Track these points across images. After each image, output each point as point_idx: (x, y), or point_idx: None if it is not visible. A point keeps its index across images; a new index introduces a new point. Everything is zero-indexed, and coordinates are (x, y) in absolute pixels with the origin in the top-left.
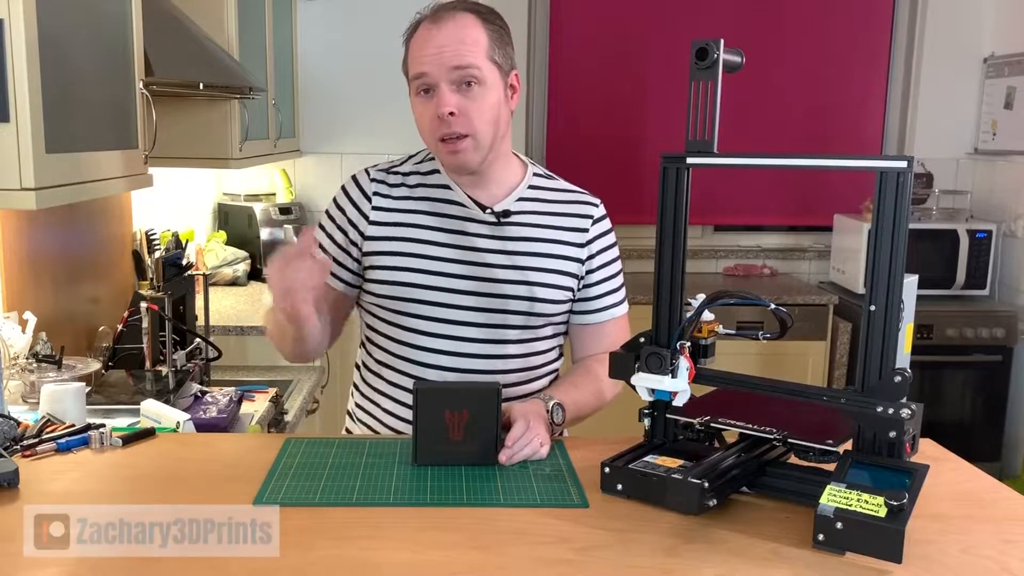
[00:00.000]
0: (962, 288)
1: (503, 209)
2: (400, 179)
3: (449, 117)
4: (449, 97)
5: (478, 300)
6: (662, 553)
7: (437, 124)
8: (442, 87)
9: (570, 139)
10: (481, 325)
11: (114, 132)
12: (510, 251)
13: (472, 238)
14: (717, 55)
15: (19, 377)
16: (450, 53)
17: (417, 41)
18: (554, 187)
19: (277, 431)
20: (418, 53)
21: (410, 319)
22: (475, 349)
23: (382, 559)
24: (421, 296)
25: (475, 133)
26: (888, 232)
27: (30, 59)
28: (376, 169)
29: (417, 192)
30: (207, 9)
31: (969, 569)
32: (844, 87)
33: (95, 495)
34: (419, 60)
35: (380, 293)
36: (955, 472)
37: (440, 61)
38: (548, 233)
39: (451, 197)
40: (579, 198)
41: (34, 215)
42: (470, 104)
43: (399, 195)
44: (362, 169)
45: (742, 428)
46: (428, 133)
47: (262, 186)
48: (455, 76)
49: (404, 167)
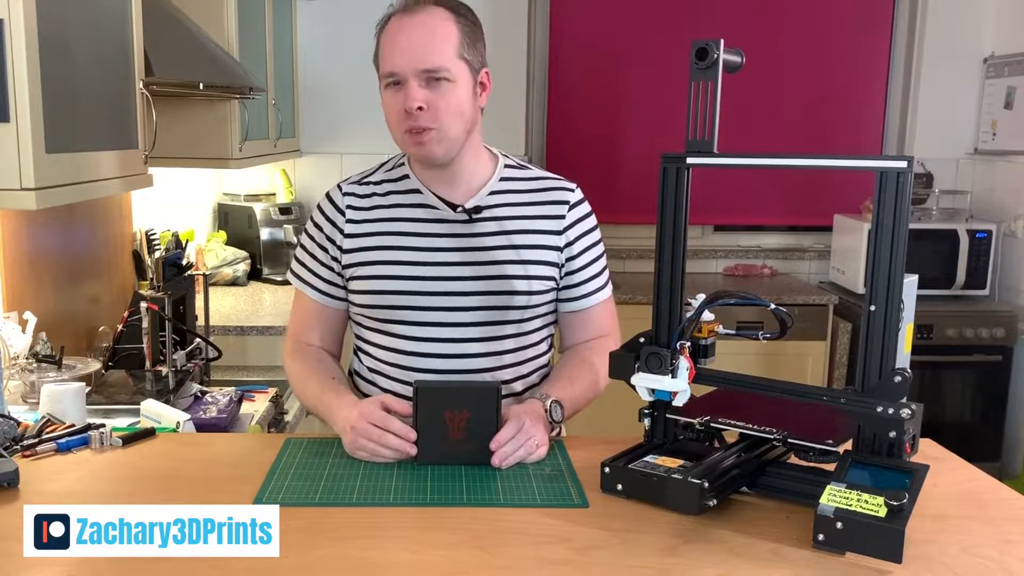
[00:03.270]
0: (962, 288)
1: (474, 206)
2: (371, 188)
3: (417, 111)
4: (417, 92)
5: (458, 300)
6: (662, 553)
7: (404, 117)
8: (411, 82)
9: (570, 139)
10: (466, 324)
11: (114, 132)
12: (484, 247)
13: (444, 239)
14: (717, 55)
15: (19, 377)
16: (420, 53)
17: (388, 34)
18: (527, 176)
19: (277, 431)
20: (389, 49)
21: (395, 326)
22: (463, 349)
23: (382, 559)
24: (401, 302)
25: (441, 126)
26: (888, 232)
27: (30, 59)
28: (348, 183)
29: (388, 200)
30: (207, 9)
31: (969, 569)
32: (844, 87)
33: (95, 495)
34: (390, 57)
35: (363, 303)
36: (955, 472)
37: (410, 61)
38: (523, 224)
39: (422, 201)
40: (553, 184)
41: (34, 215)
42: (438, 100)
43: (370, 205)
44: (335, 185)
45: (742, 428)
46: (395, 125)
47: (262, 186)
48: (424, 76)
49: (375, 176)
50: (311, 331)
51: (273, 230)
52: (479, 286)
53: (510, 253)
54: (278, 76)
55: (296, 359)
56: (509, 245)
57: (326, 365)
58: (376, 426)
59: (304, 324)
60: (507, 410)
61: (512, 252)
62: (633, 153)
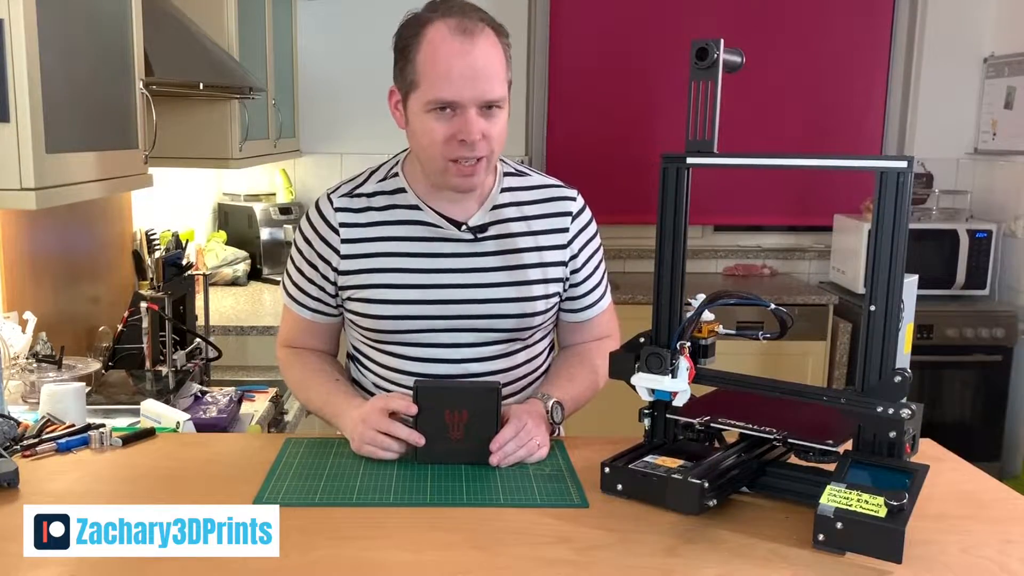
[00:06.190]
0: (962, 288)
1: (479, 224)
2: (365, 201)
3: (477, 142)
4: (479, 122)
5: (465, 322)
6: (662, 553)
7: (456, 146)
8: (470, 111)
9: (570, 140)
10: (472, 345)
11: (114, 132)
12: (491, 267)
13: (449, 259)
14: (717, 55)
15: (19, 377)
16: (484, 84)
17: (438, 54)
18: (528, 185)
19: (277, 431)
20: (444, 72)
21: (396, 347)
22: (468, 369)
23: (382, 559)
24: (403, 327)
25: (491, 155)
26: (888, 232)
27: (30, 59)
28: (338, 195)
29: (386, 215)
30: (207, 9)
31: (969, 569)
32: (844, 87)
33: (95, 495)
34: (445, 83)
35: (364, 326)
36: (955, 472)
37: (474, 92)
38: (528, 241)
39: (422, 218)
40: (555, 194)
41: (34, 215)
42: (492, 128)
43: (366, 221)
44: (324, 195)
45: (742, 428)
46: (439, 151)
47: (262, 186)
48: (484, 103)
49: (367, 187)
50: (304, 340)
51: (273, 230)
52: (483, 309)
53: (516, 274)
54: (278, 76)
55: (295, 363)
56: (515, 265)
57: (328, 367)
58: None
59: (297, 334)
60: (508, 410)
61: (519, 272)
62: (633, 153)
